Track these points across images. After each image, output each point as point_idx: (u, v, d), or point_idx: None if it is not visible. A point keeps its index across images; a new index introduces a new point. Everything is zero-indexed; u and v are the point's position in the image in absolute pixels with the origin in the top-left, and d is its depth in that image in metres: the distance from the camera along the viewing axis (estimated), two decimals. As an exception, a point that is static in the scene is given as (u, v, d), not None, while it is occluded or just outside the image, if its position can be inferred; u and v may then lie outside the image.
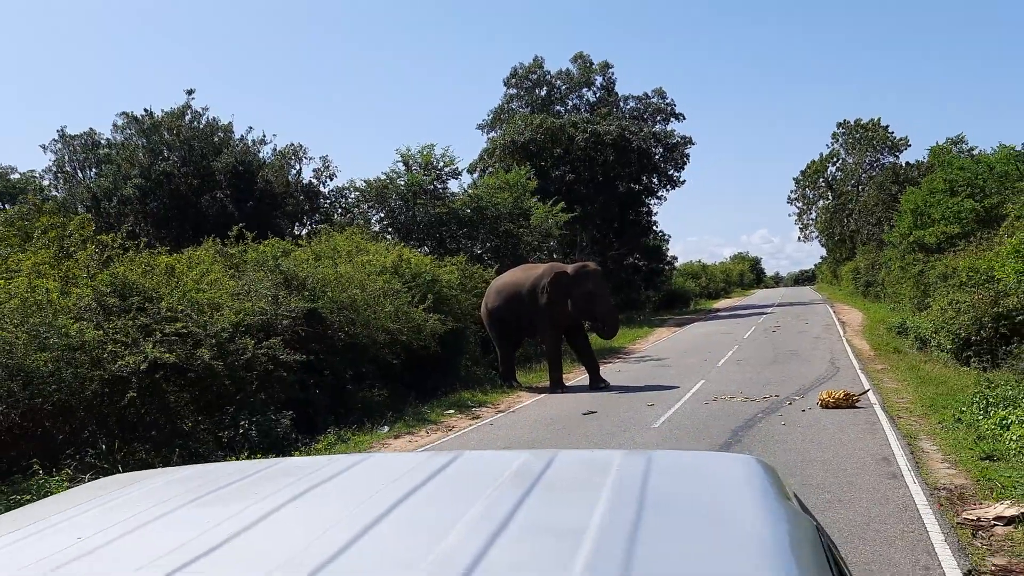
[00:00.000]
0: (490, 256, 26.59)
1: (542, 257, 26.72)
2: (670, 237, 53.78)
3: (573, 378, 17.52)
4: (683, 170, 45.87)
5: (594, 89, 47.37)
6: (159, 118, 27.89)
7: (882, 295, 35.65)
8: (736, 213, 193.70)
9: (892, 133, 59.90)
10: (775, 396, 13.18)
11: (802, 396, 13.04)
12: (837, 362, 17.46)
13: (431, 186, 27.92)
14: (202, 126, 28.38)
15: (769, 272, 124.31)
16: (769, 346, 22.07)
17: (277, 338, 11.41)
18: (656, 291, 47.55)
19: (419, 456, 1.87)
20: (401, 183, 27.52)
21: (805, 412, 11.58)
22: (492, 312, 17.14)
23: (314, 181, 30.75)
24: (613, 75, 47.25)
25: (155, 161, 27.22)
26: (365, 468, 1.79)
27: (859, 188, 60.05)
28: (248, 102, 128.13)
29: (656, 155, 44.41)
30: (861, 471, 8.04)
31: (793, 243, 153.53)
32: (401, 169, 28.02)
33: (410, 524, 1.36)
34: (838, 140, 64.17)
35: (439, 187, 28.40)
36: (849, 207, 59.06)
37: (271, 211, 27.40)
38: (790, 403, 12.47)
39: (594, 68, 46.79)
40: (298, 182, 30.19)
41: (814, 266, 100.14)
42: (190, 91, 28.44)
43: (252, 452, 9.77)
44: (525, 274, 17.16)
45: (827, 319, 31.75)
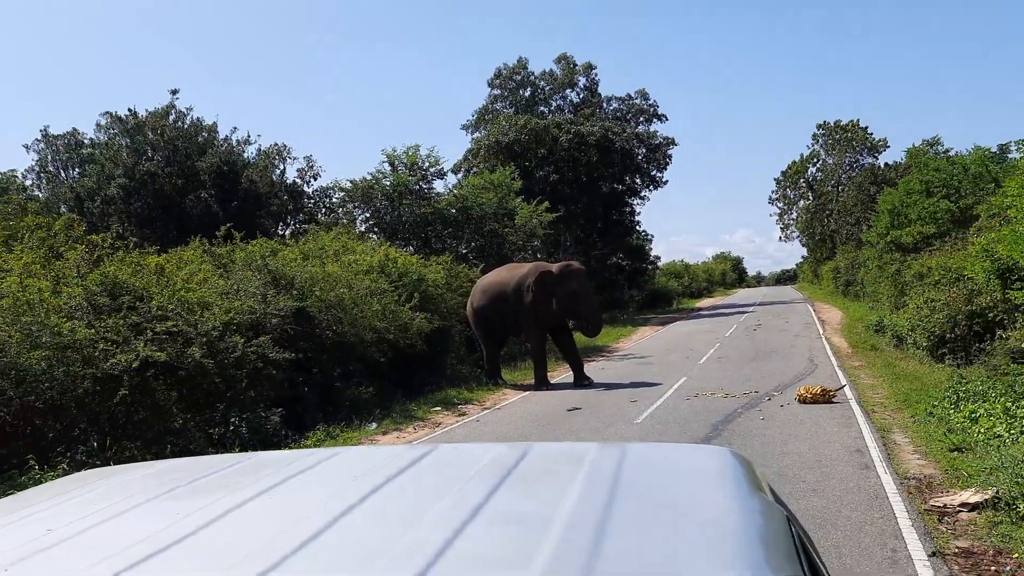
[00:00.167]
0: (475, 256, 26.79)
1: (527, 257, 26.93)
2: (653, 237, 54.44)
3: (557, 376, 17.75)
4: (666, 171, 46.36)
5: (578, 90, 47.70)
6: (143, 118, 27.80)
7: (861, 294, 35.96)
8: (718, 213, 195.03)
9: (871, 134, 60.70)
10: (755, 392, 13.49)
11: (781, 392, 13.36)
12: (816, 359, 17.81)
13: (416, 186, 28.09)
14: (186, 126, 28.33)
15: (751, 272, 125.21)
16: (750, 344, 22.41)
17: (266, 336, 11.55)
18: (639, 290, 47.98)
19: (394, 449, 1.88)
20: (387, 183, 27.67)
21: (783, 407, 11.88)
22: (478, 311, 17.33)
23: (298, 181, 30.91)
24: (596, 76, 47.65)
25: (139, 161, 27.14)
26: (340, 461, 1.78)
27: (839, 188, 60.71)
28: (232, 102, 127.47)
29: (639, 156, 44.81)
30: (835, 462, 8.34)
31: (774, 243, 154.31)
32: (387, 169, 28.21)
33: (380, 515, 1.36)
34: (818, 141, 64.91)
35: (424, 187, 28.59)
36: (829, 207, 59.71)
37: (255, 211, 27.44)
38: (769, 399, 12.78)
39: (578, 69, 47.09)
40: (282, 182, 30.28)
41: (795, 266, 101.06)
42: (174, 91, 28.32)
43: (242, 449, 9.90)
44: (510, 273, 17.35)
45: (807, 318, 32.18)
